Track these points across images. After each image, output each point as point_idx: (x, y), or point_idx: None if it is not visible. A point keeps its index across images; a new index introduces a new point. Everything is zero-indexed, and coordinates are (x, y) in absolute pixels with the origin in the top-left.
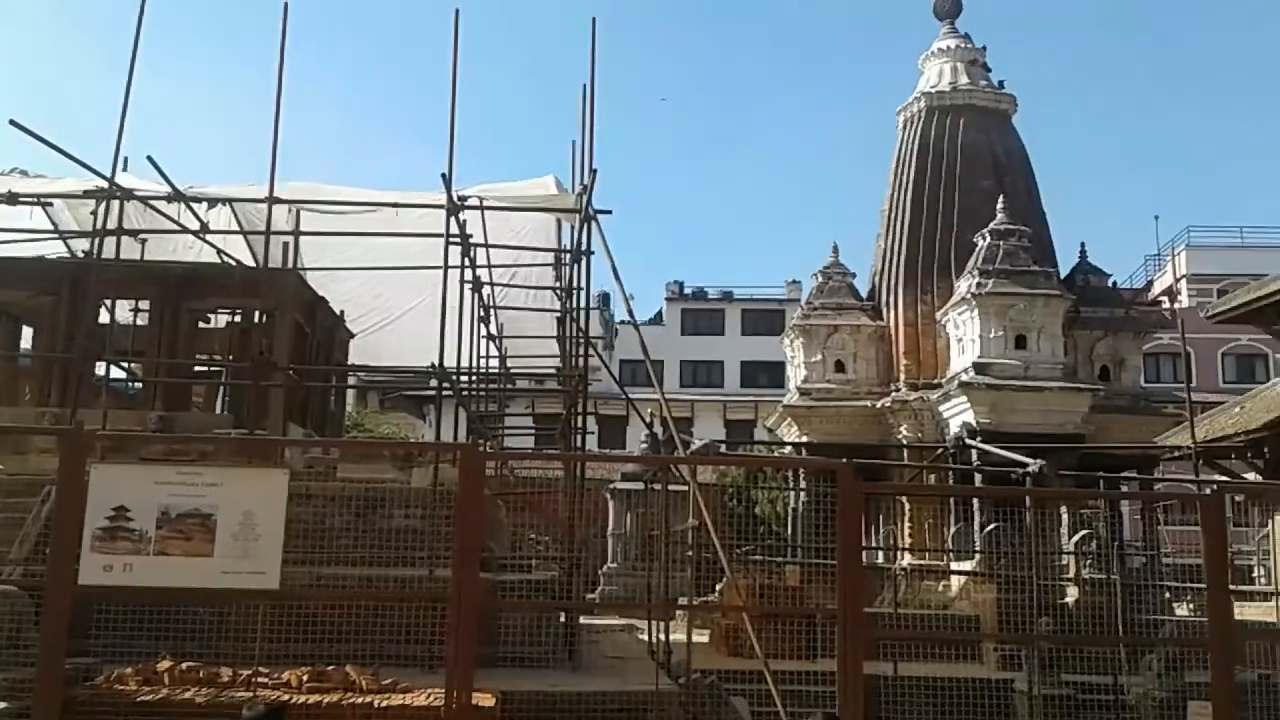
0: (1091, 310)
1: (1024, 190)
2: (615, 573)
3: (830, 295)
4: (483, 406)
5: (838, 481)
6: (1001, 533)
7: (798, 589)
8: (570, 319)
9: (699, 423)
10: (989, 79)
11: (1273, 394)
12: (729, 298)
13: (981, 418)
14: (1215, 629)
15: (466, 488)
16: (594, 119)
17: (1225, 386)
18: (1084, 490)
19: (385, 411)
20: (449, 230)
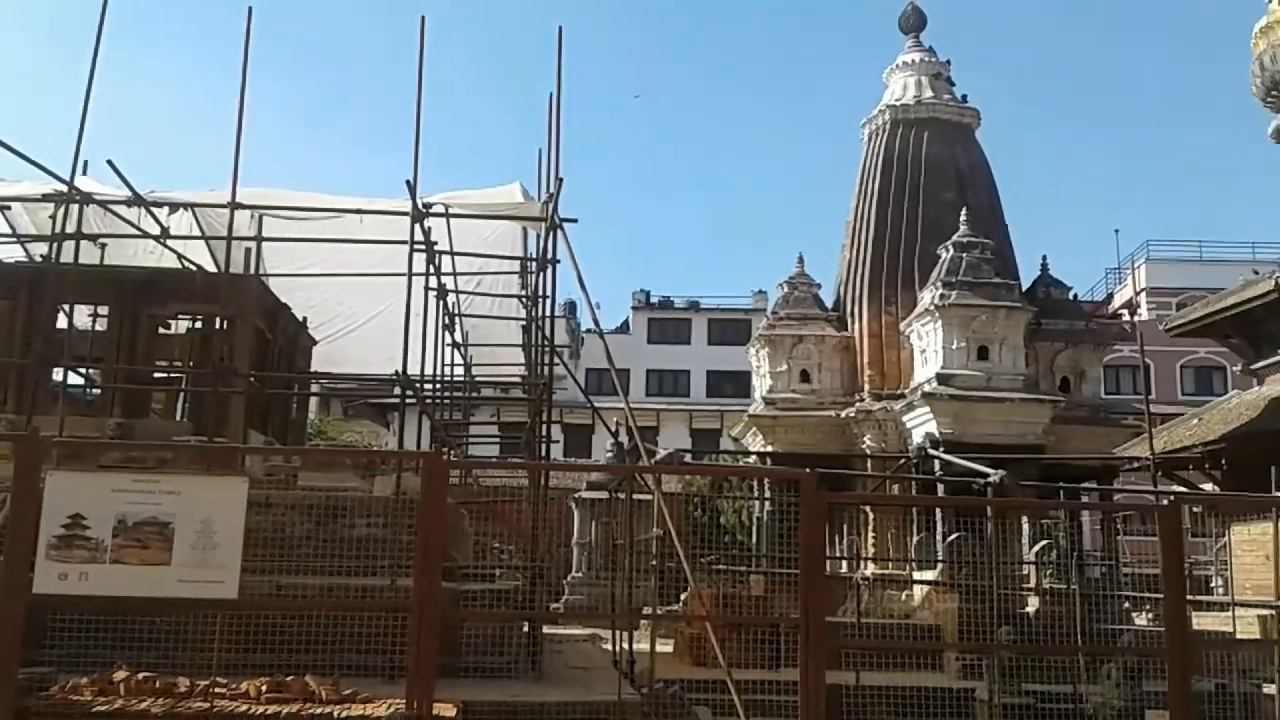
0: (1052, 322)
1: (987, 203)
2: (580, 582)
3: (796, 305)
4: (447, 415)
5: (801, 491)
6: (963, 542)
7: (762, 598)
8: (535, 327)
9: (664, 432)
10: (953, 93)
11: (1229, 406)
12: (695, 307)
13: (944, 428)
14: (1172, 639)
15: (429, 496)
16: (560, 127)
17: (1184, 399)
18: (1045, 501)
19: (348, 419)
20: (413, 237)
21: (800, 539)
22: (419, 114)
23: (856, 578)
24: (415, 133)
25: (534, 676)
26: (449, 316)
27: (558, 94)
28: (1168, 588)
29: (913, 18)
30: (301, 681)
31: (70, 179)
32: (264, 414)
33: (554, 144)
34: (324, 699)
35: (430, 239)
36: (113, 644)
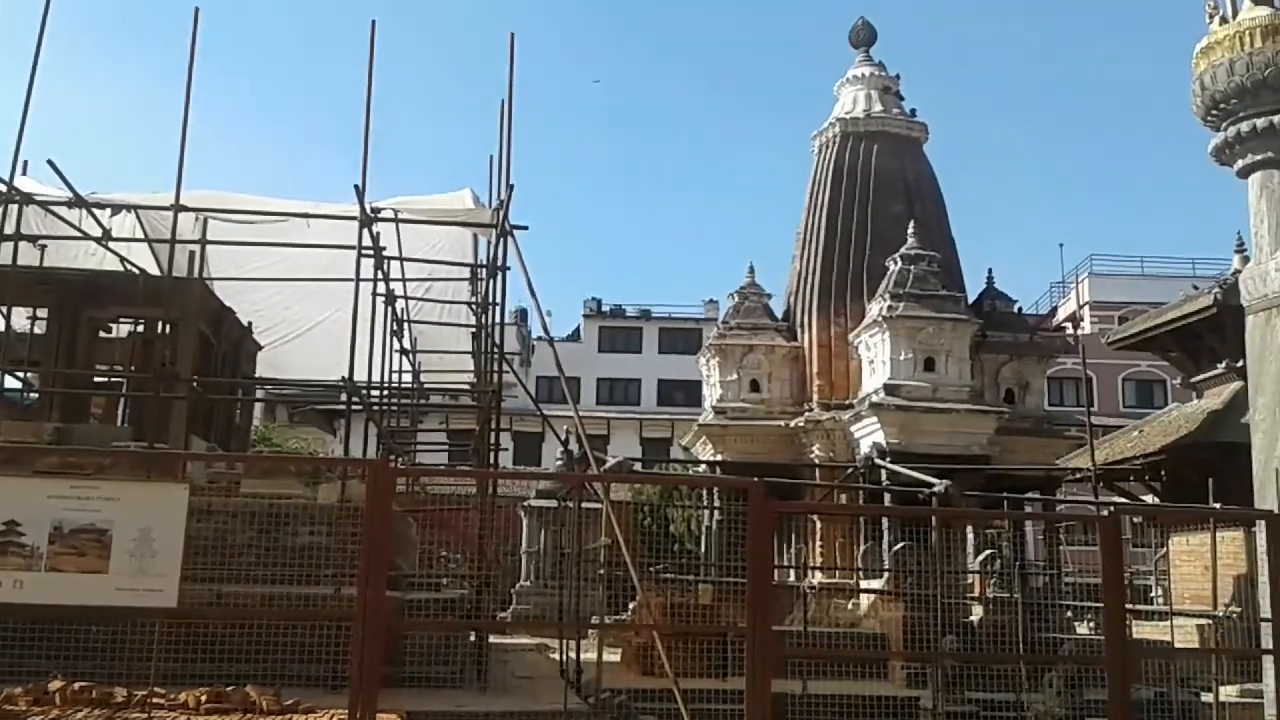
0: (998, 335)
1: (934, 216)
2: (528, 591)
3: (746, 315)
4: (395, 422)
5: (749, 500)
6: (909, 552)
7: (710, 607)
8: (485, 334)
9: (615, 440)
10: (901, 107)
11: (1169, 419)
12: (647, 316)
13: (891, 438)
14: (1112, 647)
15: (374, 504)
16: (512, 134)
17: (1125, 411)
18: (989, 511)
19: (294, 426)
20: (361, 242)
21: (748, 548)
22: (368, 118)
23: (804, 586)
24: (364, 137)
25: (480, 686)
26: (397, 323)
27: (509, 101)
28: (1108, 597)
29: (863, 32)
30: (242, 691)
31: (9, 179)
32: (207, 420)
33: (505, 150)
34: (265, 709)
35: (379, 244)
36: (48, 653)
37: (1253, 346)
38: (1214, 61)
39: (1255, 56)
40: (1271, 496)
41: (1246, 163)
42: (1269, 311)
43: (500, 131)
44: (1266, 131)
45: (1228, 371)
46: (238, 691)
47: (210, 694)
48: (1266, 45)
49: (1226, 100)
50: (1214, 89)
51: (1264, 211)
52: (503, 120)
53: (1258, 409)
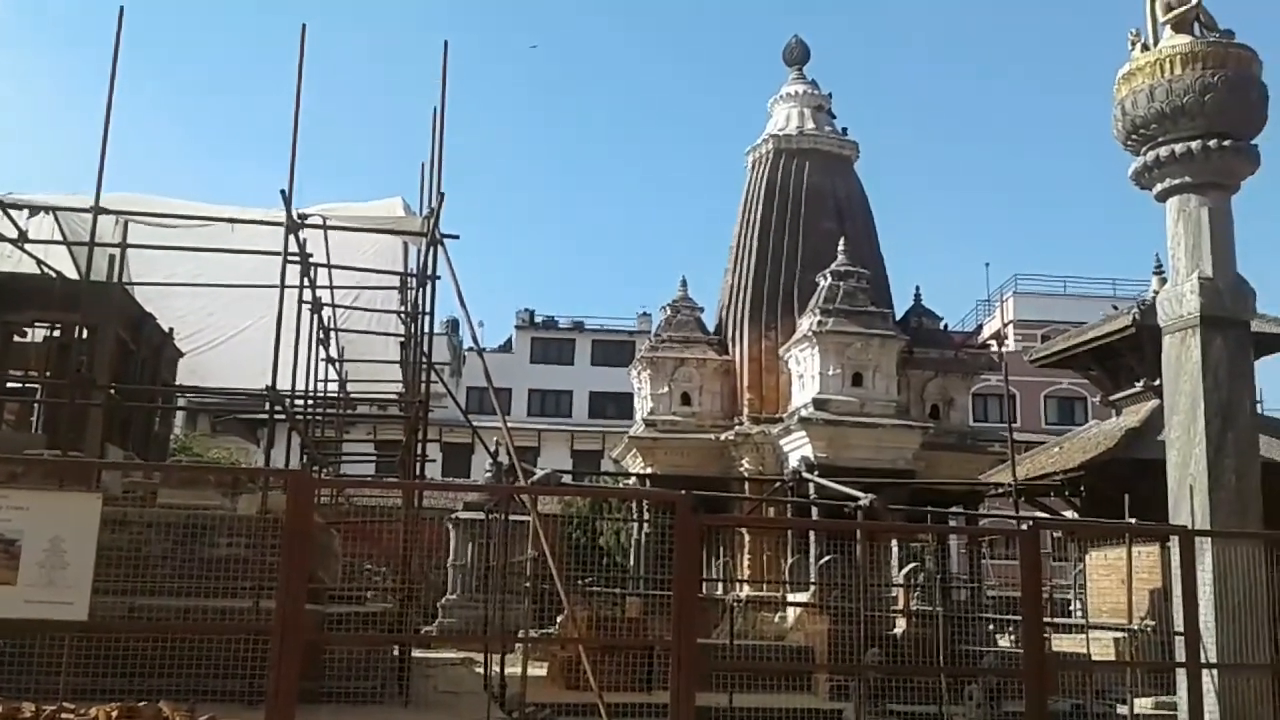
0: (924, 351)
1: (864, 233)
2: (454, 604)
3: (678, 328)
4: (320, 432)
5: (675, 513)
6: (835, 565)
7: (638, 620)
8: (414, 344)
9: (546, 452)
10: (834, 125)
11: (1089, 436)
12: (580, 328)
13: (819, 452)
14: (1030, 660)
15: (294, 516)
16: (444, 142)
17: (1047, 427)
18: (913, 524)
19: (216, 435)
20: (287, 248)
21: (674, 561)
22: (296, 123)
23: (731, 599)
24: (292, 142)
25: (402, 701)
26: (324, 331)
27: (442, 109)
28: (1026, 610)
29: (797, 50)
30: (154, 707)
31: None
32: (124, 428)
33: (437, 159)
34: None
35: (305, 251)
36: None
37: (1169, 366)
38: (1135, 87)
39: (1175, 83)
40: (1185, 512)
41: (1165, 187)
42: (1184, 332)
43: (432, 140)
44: (1184, 157)
45: (1145, 390)
46: (150, 707)
47: (121, 710)
48: (1186, 72)
49: (1147, 125)
50: (1135, 114)
51: (1181, 235)
52: (435, 128)
53: (1173, 427)
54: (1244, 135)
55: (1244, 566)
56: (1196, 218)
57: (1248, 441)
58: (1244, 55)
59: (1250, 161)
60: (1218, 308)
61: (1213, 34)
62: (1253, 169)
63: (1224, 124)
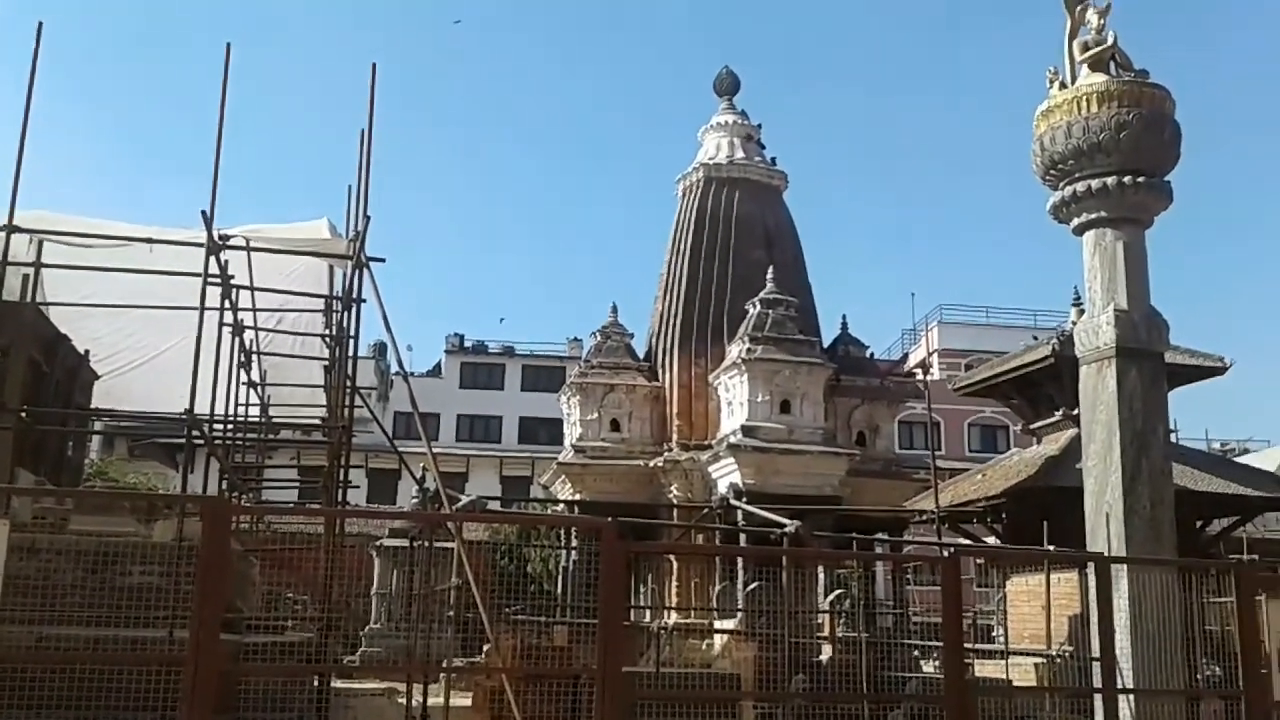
0: (851, 379)
1: (793, 262)
2: (378, 634)
3: (608, 355)
4: (241, 457)
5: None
6: (762, 591)
7: (566, 649)
8: (338, 368)
9: (474, 478)
10: (763, 155)
11: (1010, 463)
12: (510, 353)
13: (747, 479)
14: (950, 685)
15: (210, 543)
16: (371, 164)
17: (971, 455)
18: (839, 551)
19: (134, 460)
20: (207, 270)
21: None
22: (219, 143)
23: (658, 627)
24: (215, 160)
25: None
26: (245, 354)
27: (369, 130)
28: (947, 636)
29: (727, 81)
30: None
31: None
32: (36, 452)
33: (364, 180)
34: None
35: (227, 273)
36: None
37: (1086, 395)
38: (1053, 124)
39: (1091, 121)
40: (1102, 539)
41: (1081, 221)
42: (1101, 363)
43: (359, 161)
44: (1100, 192)
45: (1064, 419)
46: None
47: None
48: (1102, 110)
49: (1064, 161)
50: (1053, 150)
51: (1097, 268)
52: (362, 150)
53: (1090, 455)
54: (1157, 172)
55: (1158, 592)
56: (1112, 251)
57: (1161, 470)
58: (1158, 94)
59: (1163, 197)
60: (1133, 339)
61: (1128, 73)
62: (1165, 205)
63: (1138, 161)
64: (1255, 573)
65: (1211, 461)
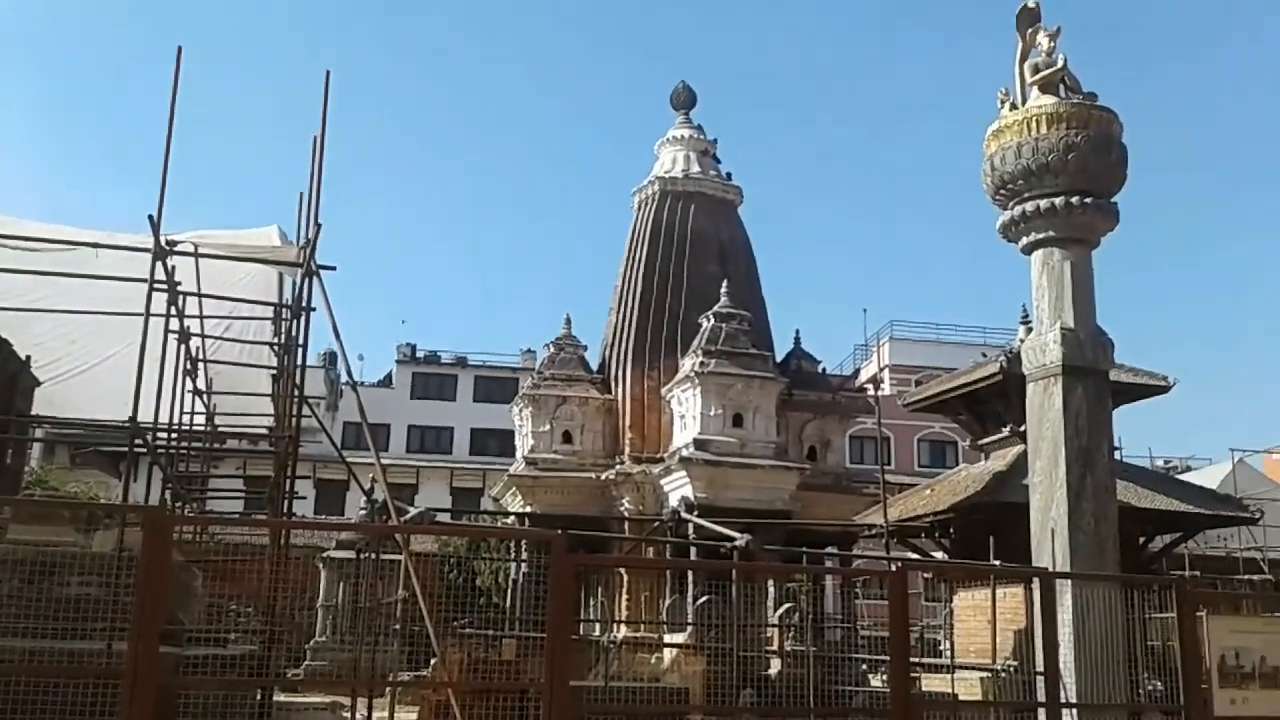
0: (803, 393)
1: (746, 277)
2: (323, 647)
3: (561, 366)
4: (185, 466)
5: (551, 553)
6: (712, 605)
7: (514, 662)
8: (286, 377)
9: (425, 489)
10: (718, 170)
11: (958, 479)
12: (462, 363)
13: (699, 492)
14: (896, 699)
15: (150, 553)
16: (323, 171)
17: (920, 470)
18: (789, 565)
19: (76, 468)
20: (153, 275)
21: (548, 601)
22: (168, 147)
23: (608, 640)
24: (164, 164)
25: None
26: (191, 362)
27: (322, 137)
28: (893, 650)
29: (683, 95)
30: None
31: None
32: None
33: (315, 188)
34: None
35: (174, 278)
36: None
37: (1033, 412)
38: (1003, 144)
39: (1041, 142)
40: (1047, 555)
41: (1030, 240)
42: (1048, 380)
43: (311, 168)
44: (1049, 212)
45: (1011, 435)
46: None
47: None
48: (1051, 132)
49: (1014, 181)
50: (1003, 170)
51: (1045, 287)
52: (314, 157)
53: (1036, 472)
54: (1105, 193)
55: (1102, 608)
56: (1059, 271)
57: (1106, 487)
58: (1105, 117)
59: (1110, 218)
60: (1079, 358)
61: (1077, 96)
62: (1112, 225)
63: (1086, 182)
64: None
65: (1154, 479)
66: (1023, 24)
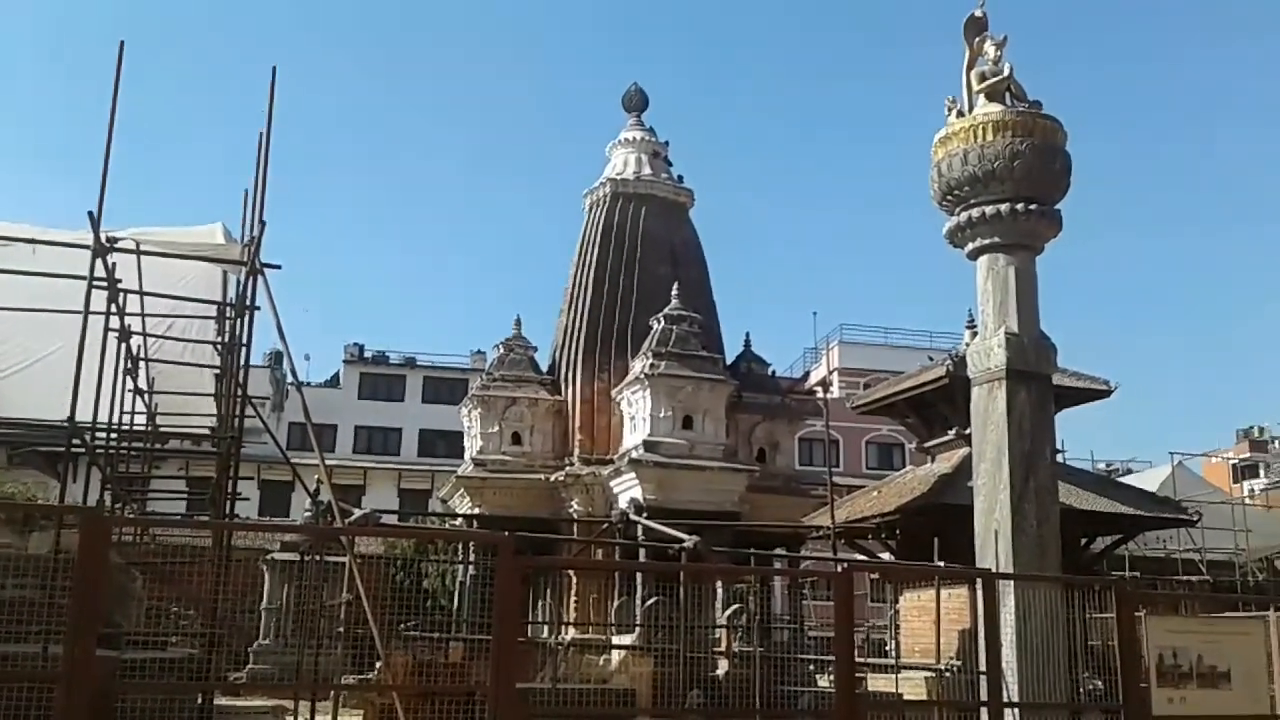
0: (752, 396)
1: (698, 279)
2: (266, 650)
3: (511, 367)
4: (126, 467)
5: (498, 555)
6: (661, 607)
7: (461, 665)
8: (230, 376)
9: (372, 491)
10: (670, 172)
11: (904, 481)
12: (411, 364)
13: (649, 494)
14: (840, 699)
15: (86, 555)
16: (268, 168)
17: (868, 472)
18: (737, 566)
19: (13, 468)
20: (93, 272)
21: (495, 604)
22: (109, 143)
23: (556, 642)
24: (104, 161)
25: None
26: (132, 361)
27: (268, 134)
28: (838, 650)
29: (636, 97)
30: None
31: None
32: None
33: (261, 185)
34: None
35: (114, 276)
36: None
37: (977, 415)
38: (950, 151)
39: (987, 149)
40: (991, 556)
41: (976, 246)
42: (992, 384)
43: (257, 165)
44: (994, 218)
45: (957, 438)
46: None
47: None
48: (997, 139)
49: (960, 187)
50: (950, 176)
51: (990, 292)
52: (260, 154)
53: (980, 474)
54: (1049, 200)
55: (1044, 608)
56: (1004, 276)
57: (1048, 489)
58: (1050, 125)
59: (1054, 225)
60: (1022, 362)
61: (1022, 104)
62: (1056, 232)
63: (1030, 189)
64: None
65: (1096, 481)
66: (970, 33)
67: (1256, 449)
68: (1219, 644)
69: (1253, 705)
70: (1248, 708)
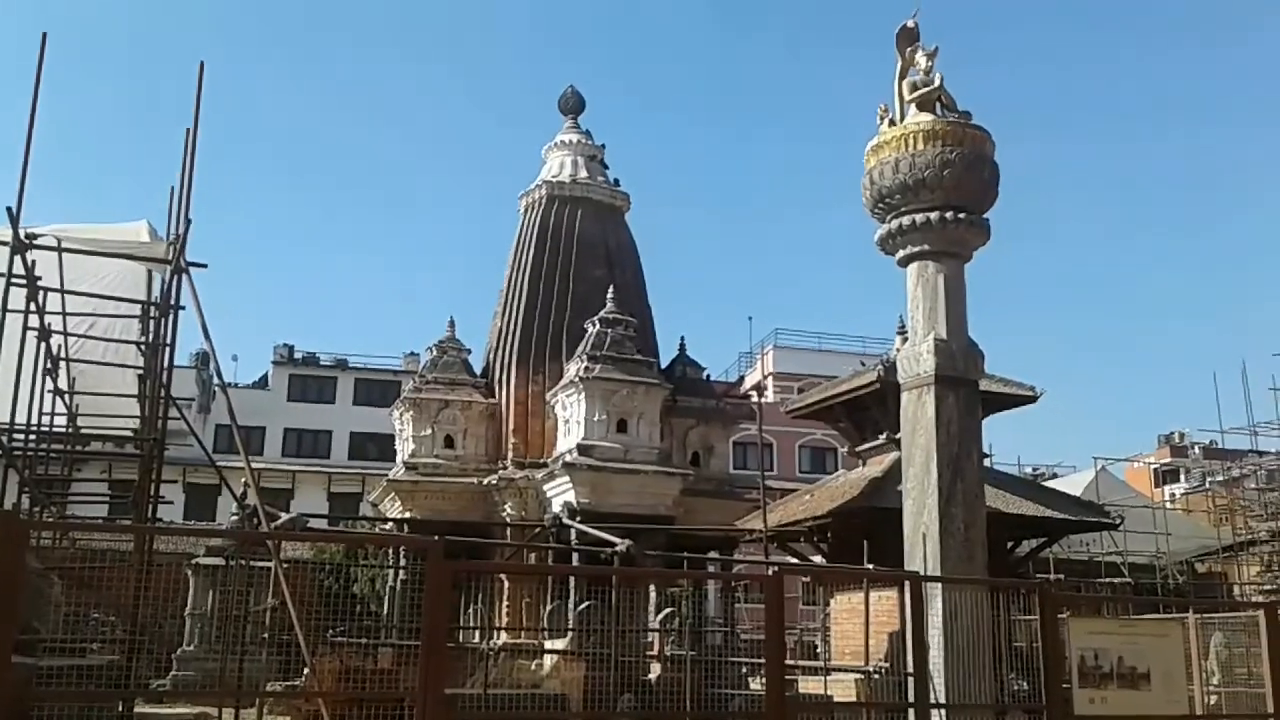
0: (687, 400)
1: (633, 283)
2: (191, 656)
3: (444, 370)
4: (45, 469)
5: (427, 560)
6: (593, 611)
7: (391, 671)
8: (154, 377)
9: (301, 494)
10: (606, 175)
11: (836, 484)
12: (343, 365)
13: (583, 498)
14: (770, 701)
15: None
16: (194, 165)
17: (801, 475)
18: (669, 570)
19: None
20: (11, 270)
21: (424, 609)
22: (30, 136)
23: (487, 648)
24: (24, 155)
25: None
26: (52, 360)
27: (195, 130)
28: (768, 653)
29: (572, 100)
30: None
31: None
32: None
33: (186, 182)
34: None
35: (34, 273)
36: None
37: (906, 420)
38: (882, 160)
39: (918, 158)
40: (919, 558)
41: (906, 253)
42: (921, 389)
43: (183, 162)
44: (924, 226)
45: (888, 442)
46: None
47: None
48: (928, 148)
49: (891, 195)
50: (881, 184)
51: (919, 299)
52: (186, 151)
53: (909, 478)
54: (977, 209)
55: (970, 610)
56: (933, 283)
57: (975, 493)
58: (979, 135)
59: (982, 233)
60: (951, 368)
61: (953, 114)
62: (984, 240)
63: (960, 198)
64: (1059, 591)
65: (1022, 485)
66: (902, 43)
67: (1177, 454)
68: (1139, 645)
69: (1171, 706)
70: (1166, 708)
